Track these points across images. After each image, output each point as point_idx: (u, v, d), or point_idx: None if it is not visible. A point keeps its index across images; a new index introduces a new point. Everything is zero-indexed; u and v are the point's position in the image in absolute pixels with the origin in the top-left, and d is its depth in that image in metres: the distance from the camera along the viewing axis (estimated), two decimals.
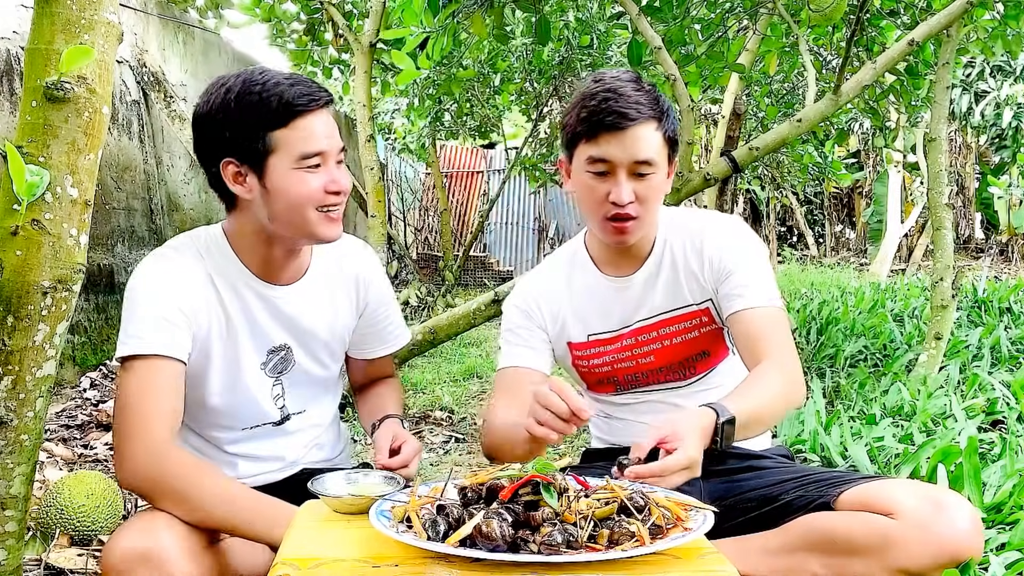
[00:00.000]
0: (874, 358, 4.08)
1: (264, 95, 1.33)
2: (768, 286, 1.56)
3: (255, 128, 1.34)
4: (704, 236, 1.61)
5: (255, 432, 1.54)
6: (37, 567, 2.06)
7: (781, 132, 3.25)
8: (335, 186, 1.39)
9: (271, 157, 1.35)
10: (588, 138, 1.49)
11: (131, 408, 1.31)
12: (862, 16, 3.29)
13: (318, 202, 1.38)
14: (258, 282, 1.48)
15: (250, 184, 1.38)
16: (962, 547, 1.30)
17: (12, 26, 3.99)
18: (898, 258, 12.03)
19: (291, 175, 1.36)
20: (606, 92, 1.47)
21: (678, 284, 1.62)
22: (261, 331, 1.49)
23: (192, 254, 1.45)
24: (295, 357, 1.54)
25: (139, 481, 1.29)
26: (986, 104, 9.34)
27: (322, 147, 1.37)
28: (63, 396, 4.06)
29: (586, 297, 1.67)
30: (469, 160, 13.25)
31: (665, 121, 1.50)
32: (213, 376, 1.46)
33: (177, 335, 1.36)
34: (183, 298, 1.38)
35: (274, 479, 1.56)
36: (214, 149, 1.38)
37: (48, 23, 1.33)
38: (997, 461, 2.30)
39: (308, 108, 1.35)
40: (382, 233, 4.32)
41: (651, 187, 1.50)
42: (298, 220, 1.39)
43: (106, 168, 4.70)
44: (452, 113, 7.43)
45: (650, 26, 3.13)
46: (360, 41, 4.11)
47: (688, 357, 1.66)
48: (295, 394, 1.56)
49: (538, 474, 1.04)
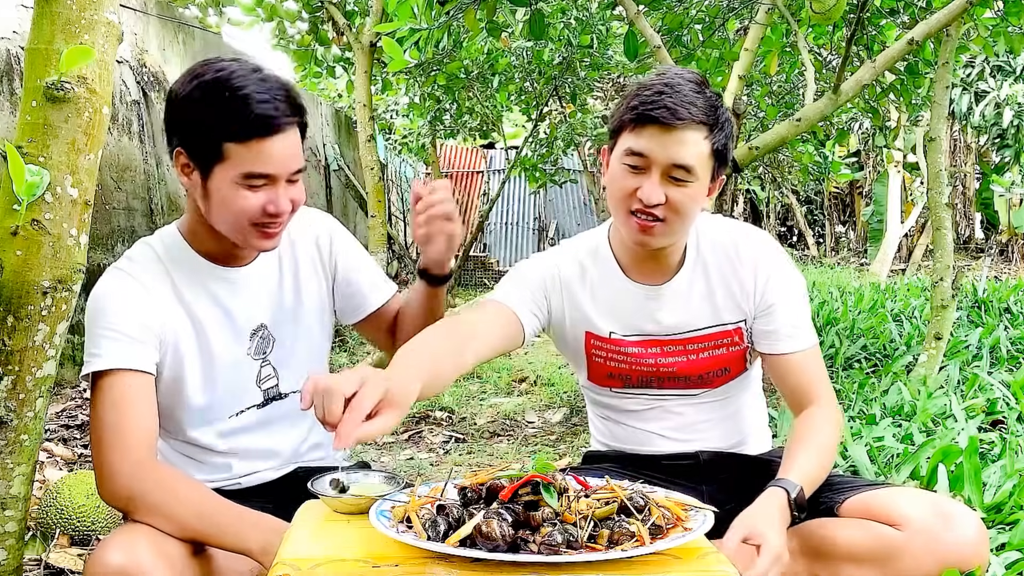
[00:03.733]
0: (874, 358, 4.08)
1: (229, 104, 1.30)
2: (808, 323, 1.55)
3: (209, 132, 1.32)
4: (743, 258, 1.55)
5: (241, 420, 1.51)
6: (37, 567, 2.06)
7: (781, 131, 3.25)
8: (274, 207, 1.35)
9: (218, 164, 1.33)
10: (632, 127, 1.41)
11: (106, 425, 1.31)
12: (862, 15, 3.29)
13: (254, 219, 1.36)
14: (219, 268, 1.47)
15: (194, 180, 1.37)
16: (968, 558, 1.30)
17: (12, 26, 3.99)
18: (898, 258, 12.03)
19: (232, 187, 1.33)
20: (663, 85, 1.39)
21: (714, 303, 1.57)
22: (234, 317, 1.48)
23: (149, 260, 1.45)
24: (273, 334, 1.52)
25: (120, 499, 1.30)
26: (986, 104, 9.33)
27: (271, 170, 1.34)
28: (63, 396, 4.06)
29: (610, 297, 1.60)
30: (469, 160, 13.26)
31: (717, 132, 1.41)
32: (191, 376, 1.45)
33: (141, 349, 1.36)
34: (143, 311, 1.38)
35: (270, 478, 1.54)
36: (171, 133, 1.38)
37: (48, 23, 1.33)
38: (997, 461, 2.30)
39: (267, 132, 1.31)
40: (382, 233, 4.32)
41: (686, 195, 1.41)
42: (230, 230, 1.39)
43: (106, 168, 4.70)
44: (452, 113, 7.43)
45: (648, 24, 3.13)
46: (360, 40, 4.11)
47: (709, 371, 1.62)
48: (289, 373, 1.54)
49: (538, 474, 1.04)
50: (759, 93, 5.49)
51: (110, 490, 1.30)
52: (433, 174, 10.77)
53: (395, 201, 11.37)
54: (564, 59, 5.60)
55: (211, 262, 1.47)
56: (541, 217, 12.86)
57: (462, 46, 5.00)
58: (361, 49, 4.12)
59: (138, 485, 1.28)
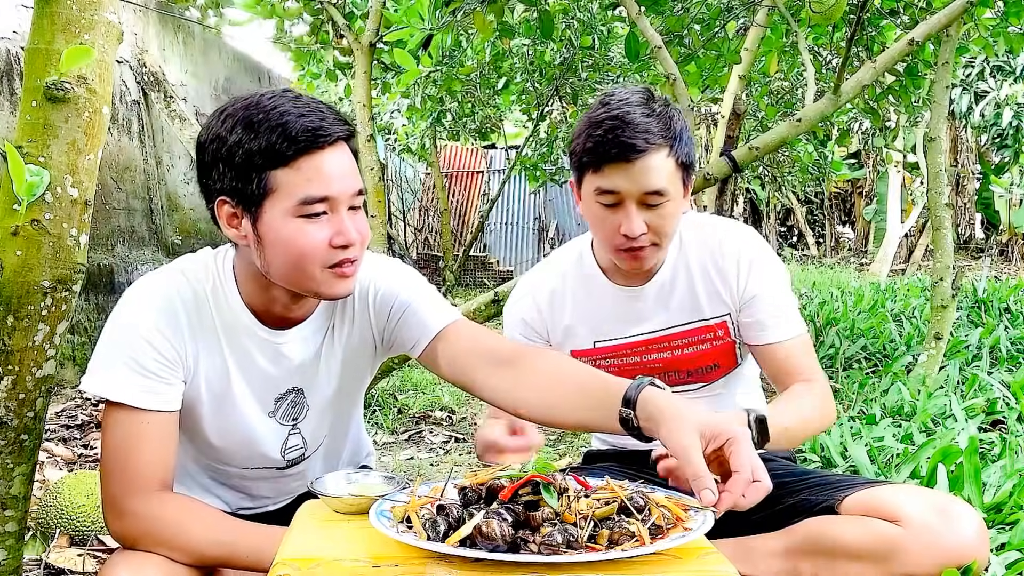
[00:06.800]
0: (874, 358, 4.08)
1: (265, 126, 1.15)
2: (794, 312, 1.56)
3: (251, 164, 1.15)
4: (725, 252, 1.56)
5: (256, 473, 1.44)
6: (37, 567, 2.06)
7: (781, 132, 3.25)
8: (342, 239, 1.18)
9: (267, 200, 1.16)
10: (594, 170, 1.41)
11: (116, 460, 1.21)
12: (862, 16, 3.29)
13: (323, 260, 1.18)
14: (260, 328, 1.31)
15: (244, 229, 1.20)
16: (968, 555, 1.30)
17: (12, 26, 3.99)
18: (898, 258, 12.03)
19: (288, 223, 1.16)
20: (612, 120, 1.38)
21: (695, 298, 1.58)
22: (262, 379, 1.34)
23: (196, 290, 1.29)
24: (308, 401, 1.39)
25: (128, 538, 1.22)
26: (986, 104, 9.33)
27: (329, 191, 1.16)
28: (63, 396, 4.06)
29: (593, 304, 1.63)
30: (469, 160, 13.25)
31: (677, 145, 1.41)
32: (207, 417, 1.34)
33: (161, 388, 1.23)
34: (168, 346, 1.24)
35: (269, 510, 1.51)
36: (210, 184, 1.21)
37: (48, 23, 1.33)
38: (997, 461, 2.30)
39: (316, 144, 1.15)
40: (382, 233, 4.32)
41: (664, 216, 1.43)
42: (297, 276, 1.21)
43: (106, 168, 4.70)
44: (453, 113, 7.43)
45: (650, 24, 3.13)
46: (360, 41, 4.11)
47: (697, 367, 1.64)
48: (313, 432, 1.43)
49: (538, 474, 1.04)
50: (759, 93, 5.50)
51: (120, 529, 1.22)
52: (433, 174, 10.76)
53: (395, 201, 11.37)
54: (565, 60, 5.60)
55: (254, 316, 1.31)
56: (541, 217, 12.86)
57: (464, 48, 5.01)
58: (360, 50, 4.12)
59: (149, 525, 1.20)
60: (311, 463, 1.49)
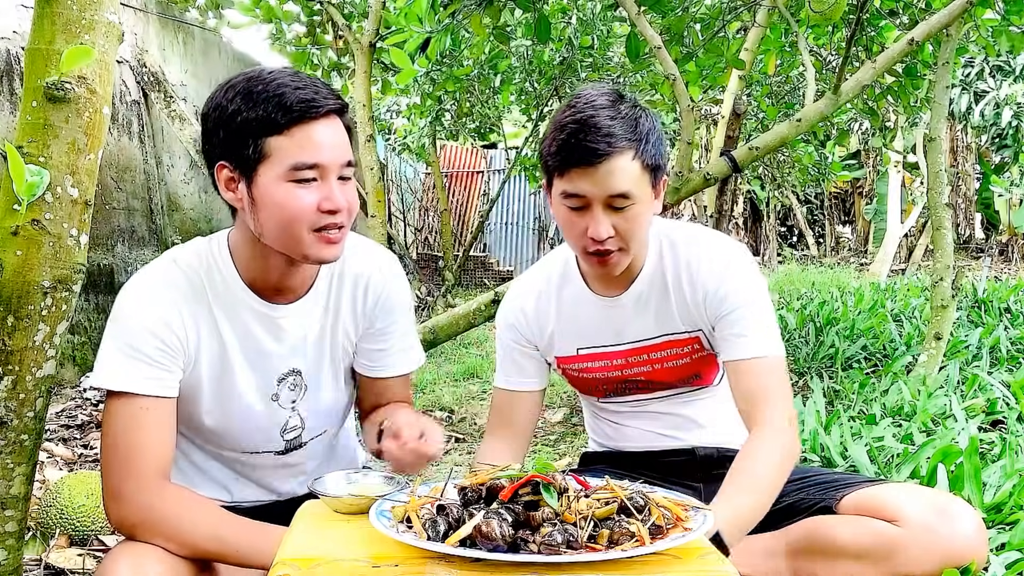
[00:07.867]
0: (874, 358, 4.08)
1: (263, 96, 1.22)
2: (768, 330, 1.47)
3: (248, 130, 1.23)
4: (700, 266, 1.52)
5: (255, 458, 1.47)
6: (37, 567, 2.06)
7: (781, 132, 3.25)
8: (330, 204, 1.25)
9: (261, 165, 1.24)
10: (560, 173, 1.40)
11: (117, 449, 1.26)
12: (862, 16, 3.29)
13: (311, 222, 1.25)
14: (259, 302, 1.37)
15: (240, 192, 1.27)
16: (967, 554, 1.30)
17: (12, 26, 3.99)
18: (898, 258, 12.03)
19: (280, 187, 1.24)
20: (575, 124, 1.36)
21: (668, 311, 1.55)
22: (264, 358, 1.39)
23: (190, 277, 1.34)
24: (307, 382, 1.44)
25: (127, 527, 1.24)
26: (986, 104, 9.33)
27: (319, 159, 1.24)
28: (63, 396, 4.06)
29: (575, 313, 1.62)
30: (469, 160, 13.24)
31: (643, 147, 1.38)
32: (205, 400, 1.38)
33: (161, 373, 1.29)
34: (169, 330, 1.30)
35: (266, 502, 1.52)
36: (211, 150, 1.29)
37: (48, 23, 1.33)
38: (997, 461, 2.30)
39: (309, 114, 1.23)
40: (382, 233, 4.32)
41: (631, 219, 1.40)
42: (287, 239, 1.27)
43: (106, 168, 4.70)
44: (453, 113, 7.43)
45: (649, 25, 3.13)
46: (360, 41, 4.11)
47: (679, 378, 1.62)
48: (313, 423, 1.49)
49: (538, 474, 1.04)
50: (759, 93, 5.49)
51: (118, 516, 1.25)
52: (433, 174, 10.76)
53: (395, 201, 11.36)
54: (565, 59, 5.60)
55: (252, 291, 1.37)
56: (541, 217, 12.85)
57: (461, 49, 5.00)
58: (360, 49, 4.11)
59: (146, 514, 1.23)
60: (310, 450, 1.51)
